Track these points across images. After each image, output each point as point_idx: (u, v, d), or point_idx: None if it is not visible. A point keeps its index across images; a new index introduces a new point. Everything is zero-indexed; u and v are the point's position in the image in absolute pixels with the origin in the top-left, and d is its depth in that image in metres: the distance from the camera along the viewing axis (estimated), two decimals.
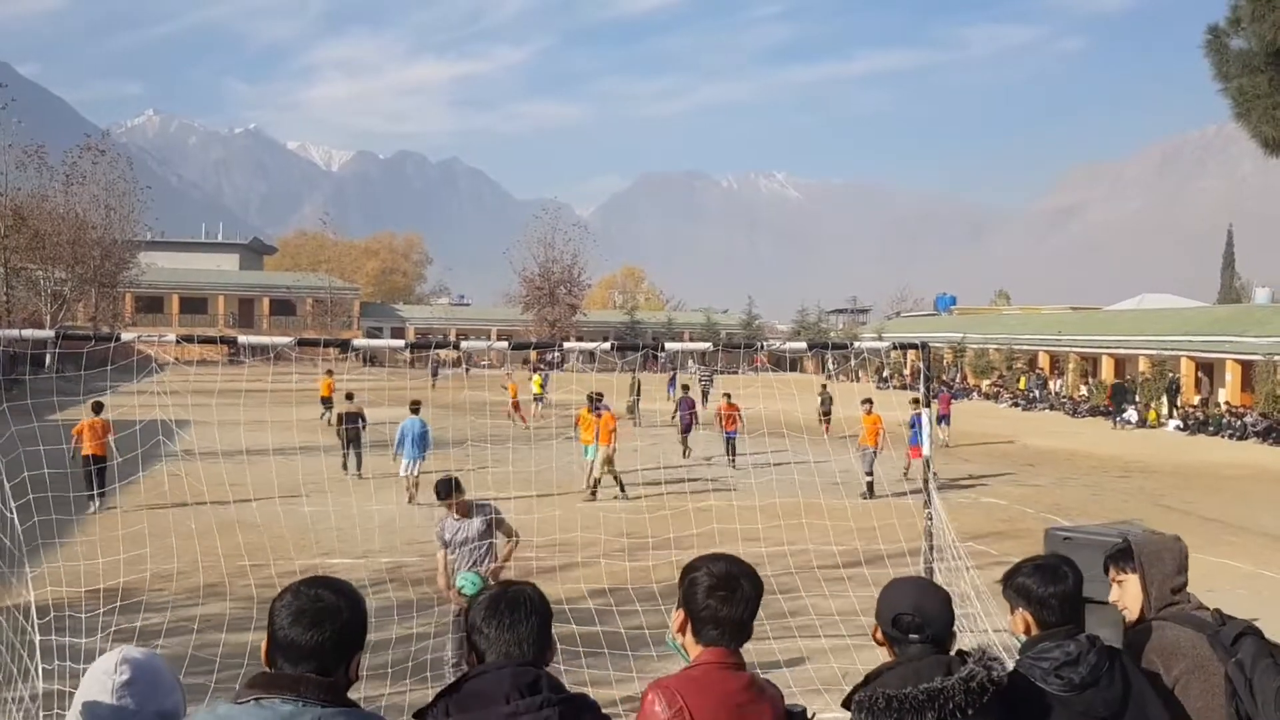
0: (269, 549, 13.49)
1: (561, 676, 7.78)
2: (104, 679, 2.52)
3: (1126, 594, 3.62)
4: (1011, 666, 3.10)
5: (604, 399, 21.16)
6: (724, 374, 51.77)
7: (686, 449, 25.04)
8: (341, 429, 21.94)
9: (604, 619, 9.72)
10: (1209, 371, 44.04)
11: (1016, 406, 49.61)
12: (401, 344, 8.48)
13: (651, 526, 14.15)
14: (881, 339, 70.57)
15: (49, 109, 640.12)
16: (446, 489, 8.55)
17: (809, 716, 2.95)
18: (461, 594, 7.81)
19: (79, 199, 60.14)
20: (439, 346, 9.21)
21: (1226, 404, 39.64)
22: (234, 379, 32.56)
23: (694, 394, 29.85)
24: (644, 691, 2.81)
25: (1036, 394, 50.76)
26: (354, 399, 22.27)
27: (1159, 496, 21.42)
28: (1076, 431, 37.49)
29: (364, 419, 21.90)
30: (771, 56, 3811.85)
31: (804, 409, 29.36)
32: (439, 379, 50.07)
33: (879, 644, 3.05)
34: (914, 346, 8.14)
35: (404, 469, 18.80)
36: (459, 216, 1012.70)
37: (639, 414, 33.82)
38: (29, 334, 7.34)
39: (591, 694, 2.85)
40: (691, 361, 67.19)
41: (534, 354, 49.55)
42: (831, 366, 66.73)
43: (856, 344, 12.03)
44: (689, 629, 2.87)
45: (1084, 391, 49.05)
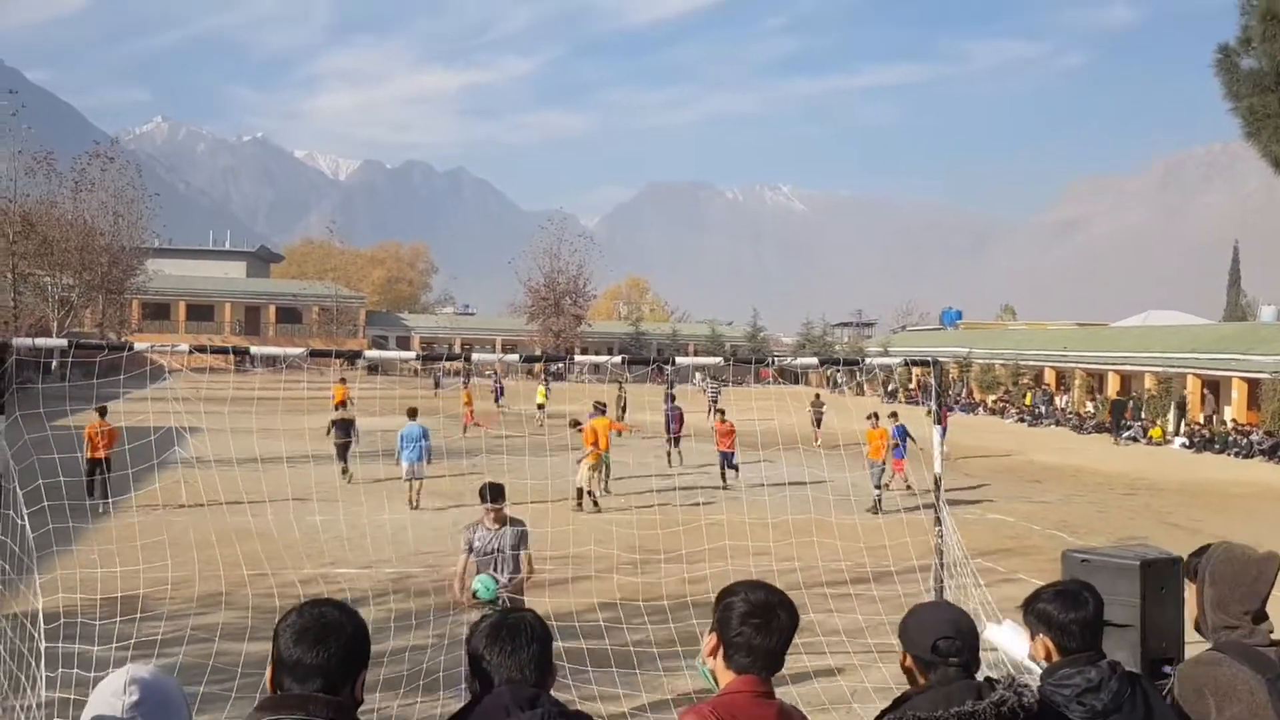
0: (277, 558, 13.50)
1: (569, 690, 7.74)
2: (113, 700, 2.50)
3: (1189, 605, 3.50)
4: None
5: (606, 409, 21.29)
6: (732, 386, 51.76)
7: (676, 456, 25.67)
8: (331, 435, 22.41)
9: (612, 634, 9.70)
10: (1214, 389, 43.96)
11: (1022, 422, 49.52)
12: (413, 355, 8.51)
13: (662, 541, 14.14)
14: (888, 352, 70.58)
15: (58, 115, 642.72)
16: (498, 493, 8.40)
17: None
18: (475, 596, 7.70)
19: (87, 206, 60.42)
20: (450, 358, 9.18)
21: (1232, 421, 39.56)
22: (244, 386, 32.55)
23: (700, 404, 29.80)
24: (680, 717, 2.83)
25: (1042, 410, 50.68)
26: (345, 406, 23.03)
27: (1166, 514, 21.36)
28: (1082, 448, 37.42)
29: (355, 426, 22.32)
30: (777, 68, 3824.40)
31: (803, 422, 29.34)
32: (442, 388, 50.12)
33: (907, 670, 3.03)
34: (925, 363, 8.14)
35: (405, 473, 19.05)
36: (464, 226, 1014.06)
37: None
38: (43, 343, 7.35)
39: (599, 708, 2.85)
40: (699, 374, 67.19)
41: (538, 366, 49.60)
42: (841, 380, 66.69)
43: (868, 360, 12.01)
44: (720, 654, 2.87)
45: (1090, 408, 48.97)
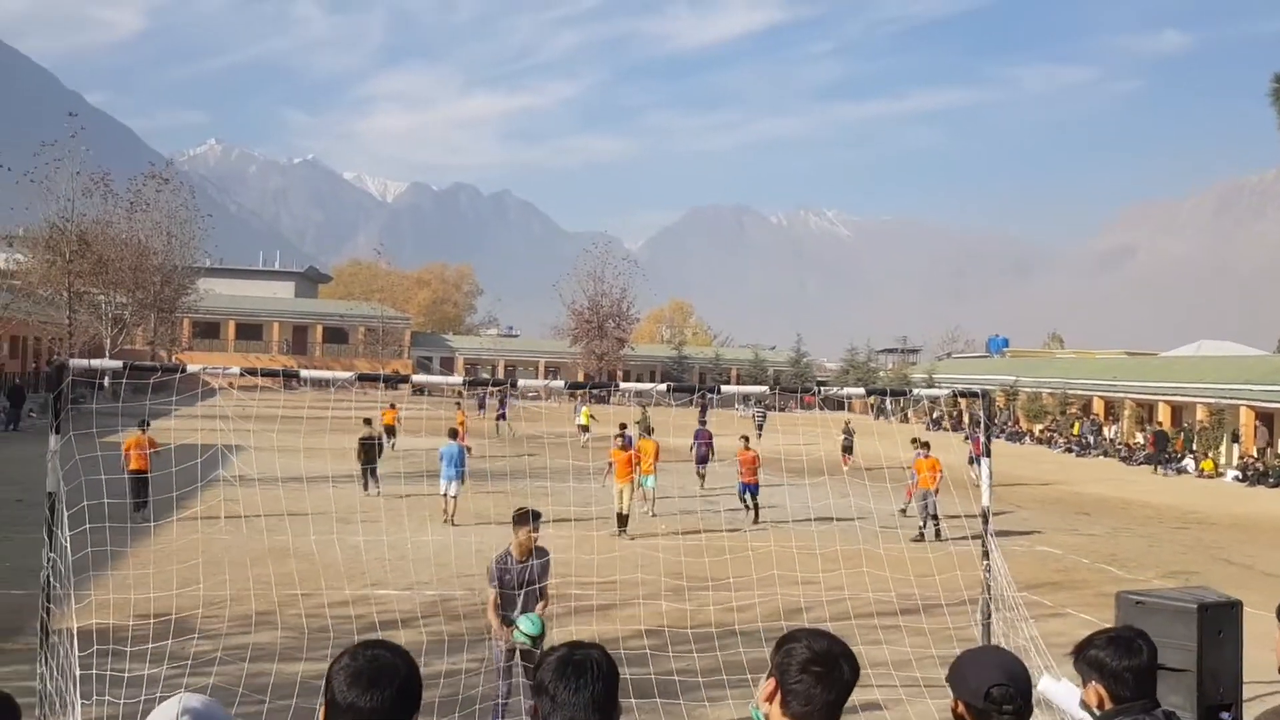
0: (319, 578, 13.58)
1: None
2: None
3: (1276, 648, 3.43)
4: None
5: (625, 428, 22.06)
6: (777, 411, 51.73)
7: (703, 480, 25.97)
8: (360, 452, 23.16)
9: (656, 662, 9.64)
10: (1268, 421, 43.03)
11: (1070, 452, 48.80)
12: (460, 380, 8.53)
13: (708, 568, 14.06)
14: (932, 379, 69.92)
15: (115, 137, 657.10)
16: (535, 517, 8.24)
17: None
18: (517, 637, 7.61)
19: (142, 226, 61.60)
20: (496, 384, 9.21)
21: None
22: (293, 405, 32.93)
23: (747, 430, 29.74)
24: None
25: (1090, 440, 49.91)
26: (372, 424, 23.88)
27: (1219, 550, 20.89)
28: (1131, 479, 36.79)
29: (381, 443, 23.53)
30: (823, 93, 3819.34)
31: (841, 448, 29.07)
32: (486, 410, 50.39)
33: (959, 717, 2.97)
34: (974, 395, 8.04)
35: (442, 489, 19.85)
36: (509, 248, 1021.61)
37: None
38: (98, 364, 7.48)
39: None
40: (741, 403, 67.02)
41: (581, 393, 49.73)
42: (888, 408, 66.20)
43: (917, 391, 11.93)
44: (778, 700, 2.81)
45: (1139, 438, 48.15)
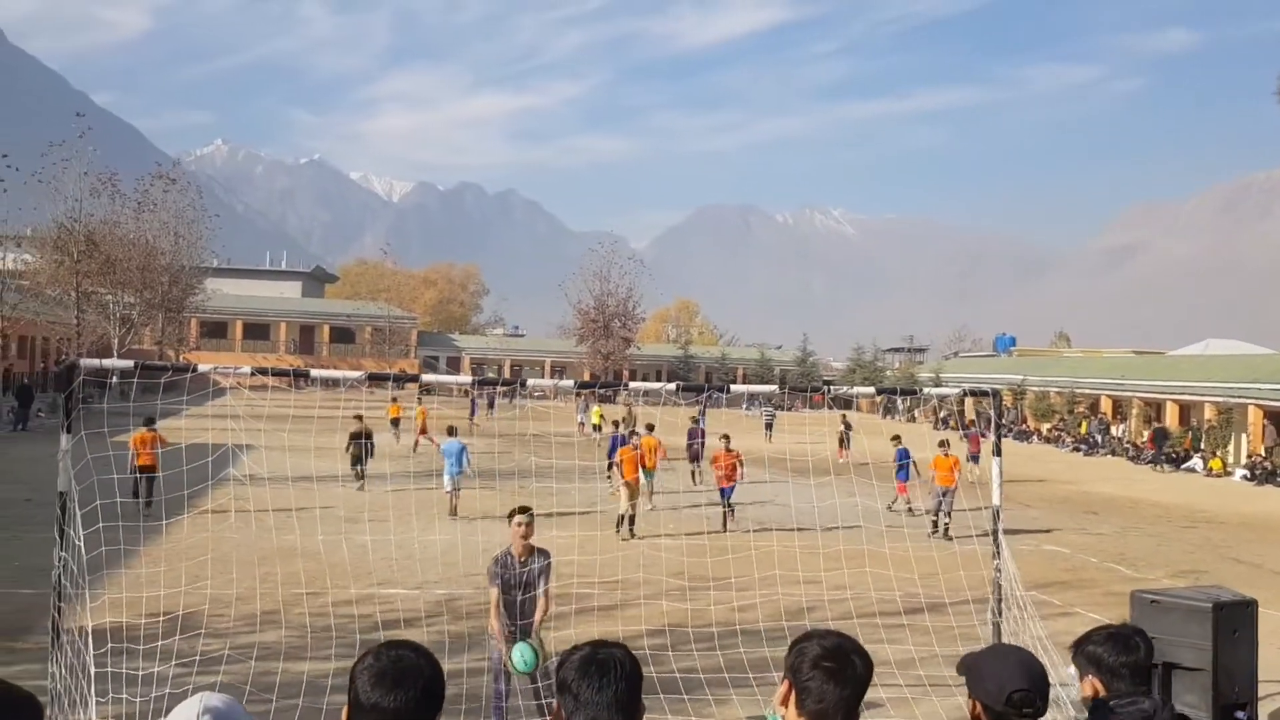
0: (327, 577, 13.60)
1: None
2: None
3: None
4: None
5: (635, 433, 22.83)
6: (786, 411, 51.85)
7: (698, 477, 26.37)
8: (350, 446, 23.94)
9: (660, 661, 9.64)
10: (1277, 420, 42.93)
11: (1078, 451, 48.73)
12: (469, 380, 8.53)
13: (710, 567, 14.05)
14: (940, 379, 69.83)
15: (122, 137, 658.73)
16: (526, 511, 8.20)
17: None
18: (513, 669, 7.28)
19: (149, 226, 61.66)
20: (506, 384, 9.23)
21: None
22: (303, 405, 33.04)
23: (755, 429, 29.75)
24: None
25: (1098, 439, 49.82)
26: (362, 420, 24.43)
27: (1227, 549, 20.84)
28: (1139, 479, 36.72)
29: (371, 439, 24.16)
30: (828, 92, 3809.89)
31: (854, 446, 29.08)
32: (494, 411, 50.47)
33: (975, 719, 2.96)
34: (985, 394, 8.02)
35: (446, 485, 20.62)
36: (514, 247, 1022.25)
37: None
38: (109, 363, 7.50)
39: None
40: (747, 402, 67.01)
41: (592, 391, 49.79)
42: (901, 407, 66.31)
43: (927, 390, 11.90)
44: (793, 701, 2.80)
45: (1146, 437, 48.06)
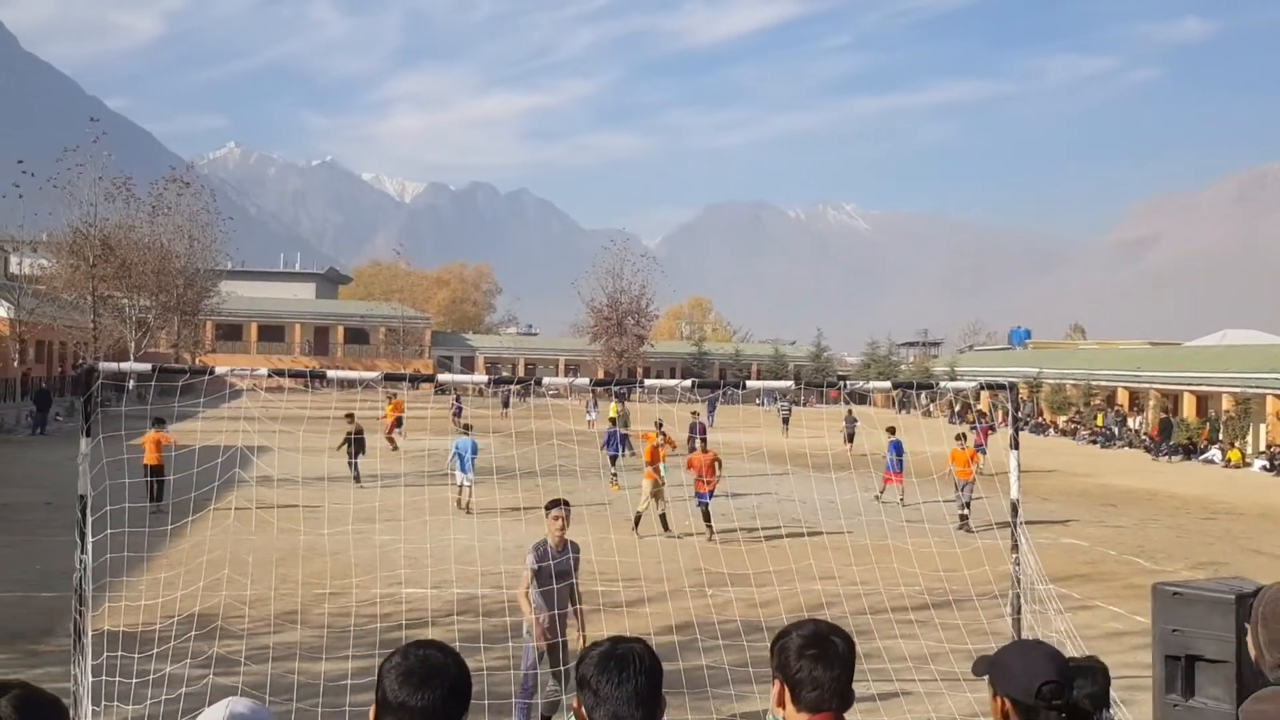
0: (344, 577, 13.64)
1: None
2: None
3: (1250, 647, 3.36)
4: None
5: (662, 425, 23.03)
6: (803, 407, 51.89)
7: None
8: (347, 445, 24.44)
9: (680, 657, 9.62)
10: None
11: (1094, 443, 48.51)
12: (485, 379, 8.54)
13: (728, 563, 14.04)
14: (955, 372, 69.61)
15: (136, 142, 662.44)
16: (565, 504, 8.45)
17: None
18: None
19: (164, 229, 62.04)
20: (520, 383, 9.22)
21: None
22: (320, 406, 33.15)
23: (772, 424, 29.67)
24: None
25: (1115, 431, 49.57)
26: (354, 419, 24.87)
27: (1247, 540, 20.71)
28: (1157, 471, 36.53)
29: (363, 437, 24.89)
30: (840, 87, 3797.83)
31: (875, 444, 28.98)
32: (510, 409, 50.48)
33: (1003, 717, 2.92)
34: (1001, 387, 7.98)
35: (459, 480, 21.17)
36: (527, 246, 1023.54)
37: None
38: (127, 367, 7.53)
39: None
40: (760, 397, 66.97)
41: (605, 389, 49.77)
42: (925, 402, 66.18)
43: (943, 384, 11.86)
44: (788, 697, 2.80)
45: (1151, 427, 47.83)
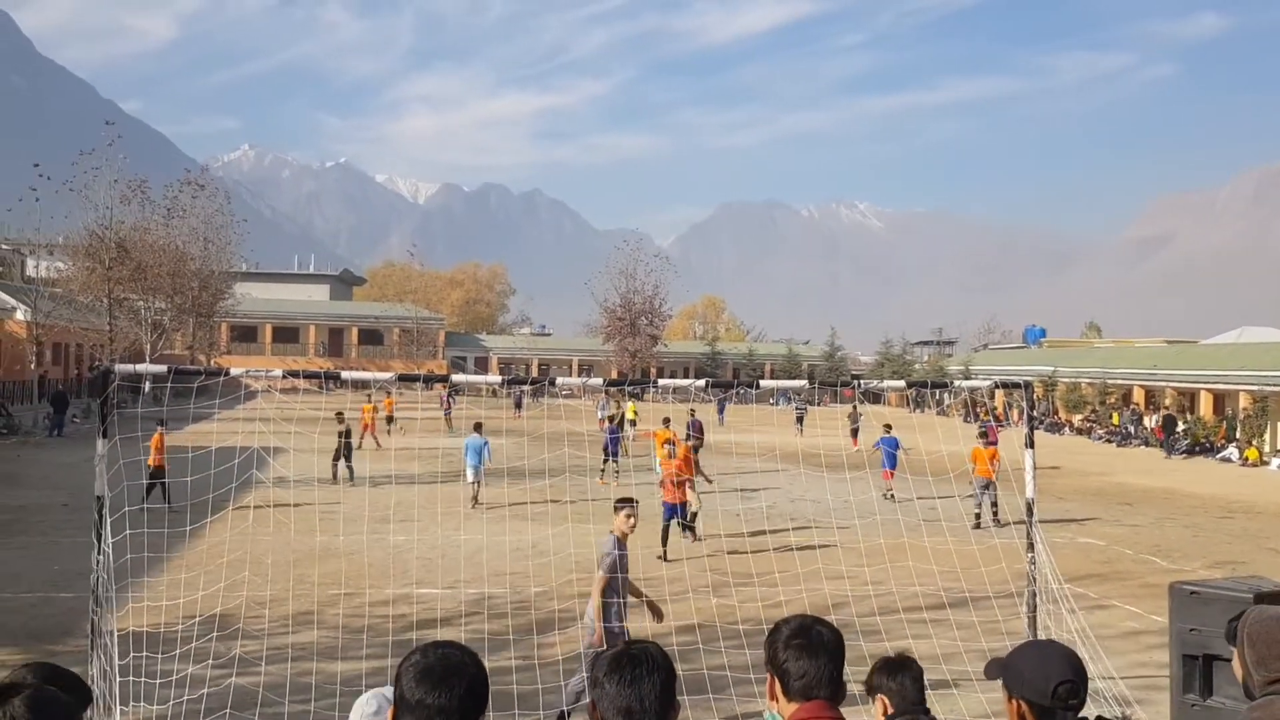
0: (360, 578, 13.69)
1: None
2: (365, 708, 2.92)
3: (1235, 668, 3.26)
4: None
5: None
6: (817, 406, 51.92)
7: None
8: (339, 445, 24.79)
9: (690, 658, 9.62)
10: None
11: (1110, 442, 48.28)
12: (499, 380, 8.56)
13: (736, 563, 14.03)
14: (969, 371, 69.37)
15: (151, 144, 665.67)
16: (634, 502, 9.07)
17: None
18: None
19: (179, 231, 62.29)
20: (533, 383, 9.26)
21: None
22: (335, 407, 33.27)
23: (786, 422, 29.67)
24: None
25: (1131, 430, 49.32)
26: (343, 419, 25.16)
27: (1265, 539, 20.57)
28: (1173, 469, 36.32)
29: (350, 436, 25.27)
30: (853, 85, 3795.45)
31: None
32: (522, 410, 50.63)
33: (1020, 718, 2.91)
34: (1016, 385, 7.96)
35: (470, 476, 21.49)
36: (540, 246, 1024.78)
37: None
38: (144, 368, 7.57)
39: None
40: (773, 396, 66.89)
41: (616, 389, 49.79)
42: (948, 401, 65.97)
43: (958, 383, 11.81)
44: (778, 689, 2.88)
45: (1181, 427, 47.53)
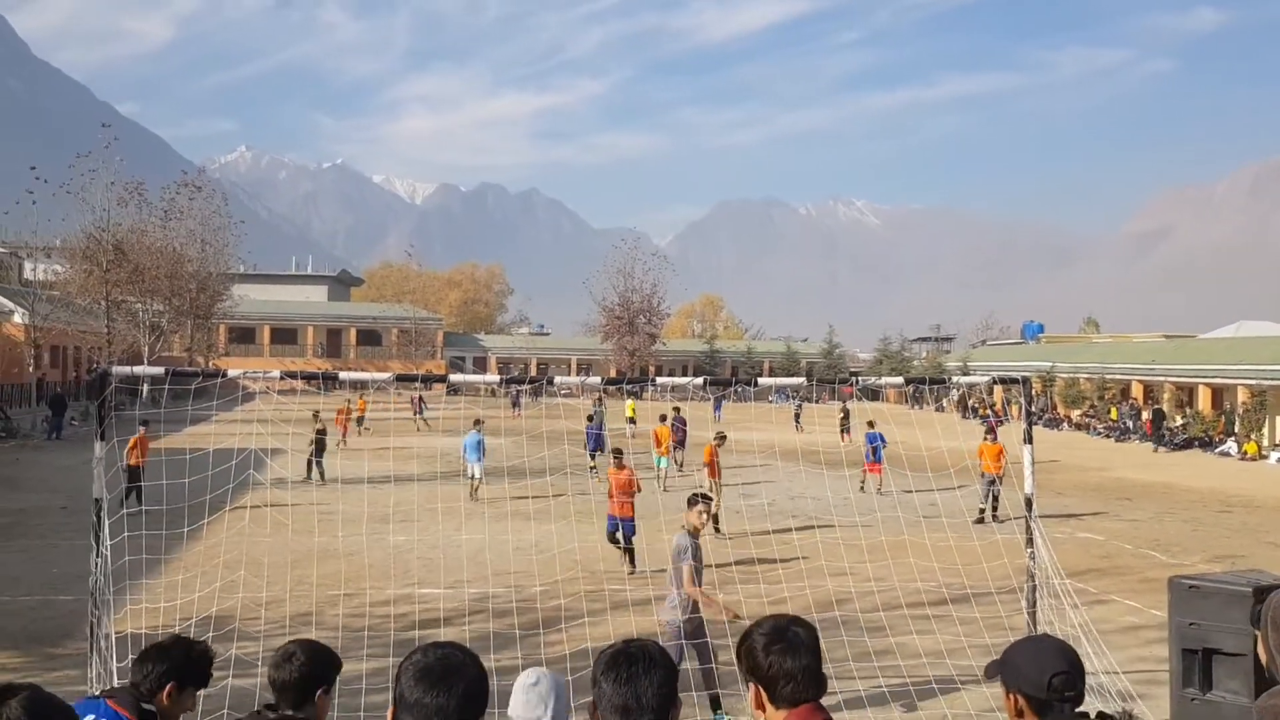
0: (360, 578, 13.68)
1: None
2: (527, 680, 2.95)
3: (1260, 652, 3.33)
4: None
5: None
6: (815, 403, 51.99)
7: (680, 463, 27.82)
8: (311, 444, 24.98)
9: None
10: None
11: (1109, 437, 48.30)
12: (497, 379, 8.56)
13: (739, 560, 14.03)
14: (967, 367, 69.39)
15: (147, 146, 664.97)
16: (707, 499, 9.54)
17: None
18: None
19: (176, 234, 62.24)
20: (532, 382, 9.28)
21: None
22: (333, 408, 33.26)
23: (784, 420, 29.69)
24: None
25: (1129, 424, 49.34)
26: (319, 418, 25.56)
27: (1264, 533, 20.58)
28: (1173, 463, 36.33)
29: (326, 436, 25.67)
30: (851, 82, 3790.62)
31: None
32: (520, 409, 50.61)
33: (1018, 712, 2.91)
34: (1014, 381, 7.95)
35: (468, 472, 22.44)
36: (537, 246, 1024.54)
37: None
38: (141, 370, 7.56)
39: None
40: (774, 394, 66.87)
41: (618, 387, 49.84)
42: (949, 398, 65.93)
43: (956, 379, 11.83)
44: (764, 698, 2.80)
45: (1179, 421, 47.56)
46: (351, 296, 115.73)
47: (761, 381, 8.74)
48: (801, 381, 9.48)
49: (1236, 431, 41.99)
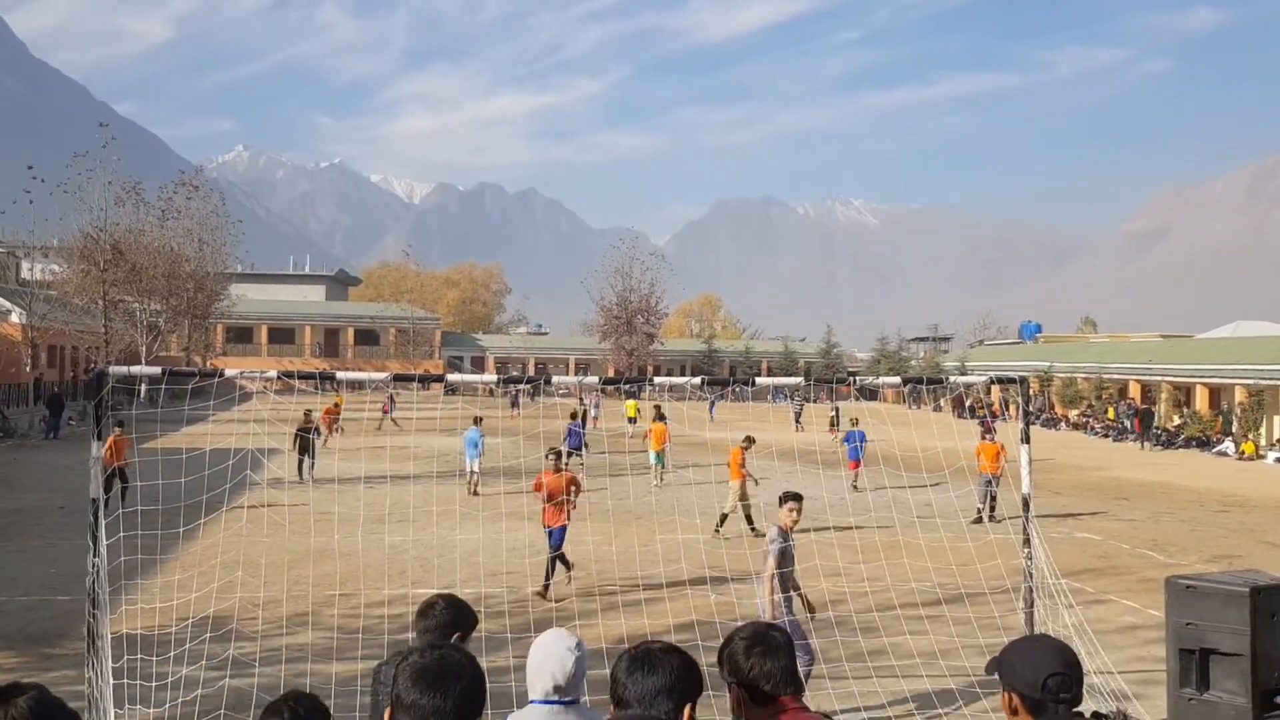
0: (356, 579, 13.67)
1: None
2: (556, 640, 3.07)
3: None
4: None
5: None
6: (813, 403, 51.99)
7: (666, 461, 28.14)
8: (297, 442, 24.95)
9: (696, 655, 9.61)
10: None
11: (1106, 437, 48.32)
12: (495, 379, 8.56)
13: (734, 560, 14.01)
14: (965, 367, 69.41)
15: (145, 146, 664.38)
16: (798, 498, 9.31)
17: None
18: None
19: (174, 233, 62.19)
20: (530, 382, 9.25)
21: None
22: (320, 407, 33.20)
23: (784, 420, 29.61)
24: None
25: (1127, 424, 49.36)
26: (309, 416, 25.54)
27: (1262, 533, 20.59)
28: (1170, 463, 36.34)
29: (316, 433, 25.72)
30: (849, 82, 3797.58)
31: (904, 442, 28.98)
32: (518, 409, 50.56)
33: (1013, 712, 2.92)
34: (1012, 381, 7.95)
35: (467, 466, 22.92)
36: (536, 245, 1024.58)
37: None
38: (138, 370, 7.55)
39: None
40: (774, 393, 66.88)
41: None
42: (943, 400, 65.88)
43: (954, 379, 11.82)
44: (745, 700, 2.92)
45: (1177, 421, 47.60)
46: (349, 296, 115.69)
47: (759, 381, 8.72)
48: (800, 381, 9.41)
49: (1234, 431, 42.01)
